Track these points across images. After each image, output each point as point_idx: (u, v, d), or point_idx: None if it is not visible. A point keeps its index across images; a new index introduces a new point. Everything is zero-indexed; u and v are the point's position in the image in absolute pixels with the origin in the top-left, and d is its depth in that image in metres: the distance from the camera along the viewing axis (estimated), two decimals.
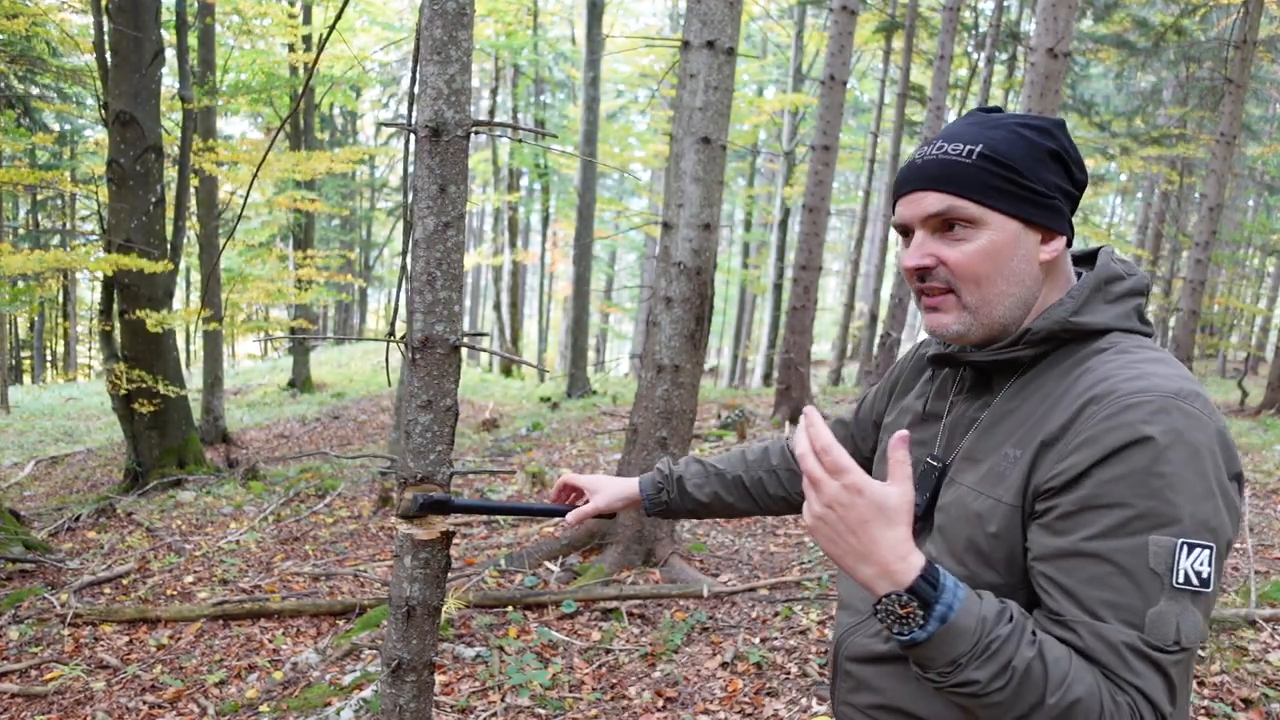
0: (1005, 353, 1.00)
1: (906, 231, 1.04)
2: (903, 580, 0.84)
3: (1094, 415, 0.87)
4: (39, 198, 22.13)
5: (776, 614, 3.92)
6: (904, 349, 14.08)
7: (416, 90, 1.83)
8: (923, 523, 1.06)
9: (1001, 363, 1.02)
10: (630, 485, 1.52)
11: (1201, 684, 3.09)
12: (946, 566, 0.99)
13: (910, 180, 1.02)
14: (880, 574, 0.86)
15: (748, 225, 24.56)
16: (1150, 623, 0.82)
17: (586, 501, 1.52)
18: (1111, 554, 0.83)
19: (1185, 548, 0.82)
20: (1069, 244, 1.03)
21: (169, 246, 7.53)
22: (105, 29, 7.04)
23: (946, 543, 1.00)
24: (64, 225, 24.07)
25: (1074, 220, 1.07)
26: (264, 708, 3.42)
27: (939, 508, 1.03)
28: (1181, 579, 0.82)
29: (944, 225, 0.99)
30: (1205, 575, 0.83)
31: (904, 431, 0.88)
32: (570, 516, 1.48)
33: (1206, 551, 0.83)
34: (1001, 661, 0.82)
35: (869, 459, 1.36)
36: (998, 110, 1.04)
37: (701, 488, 1.49)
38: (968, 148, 0.98)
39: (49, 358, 27.66)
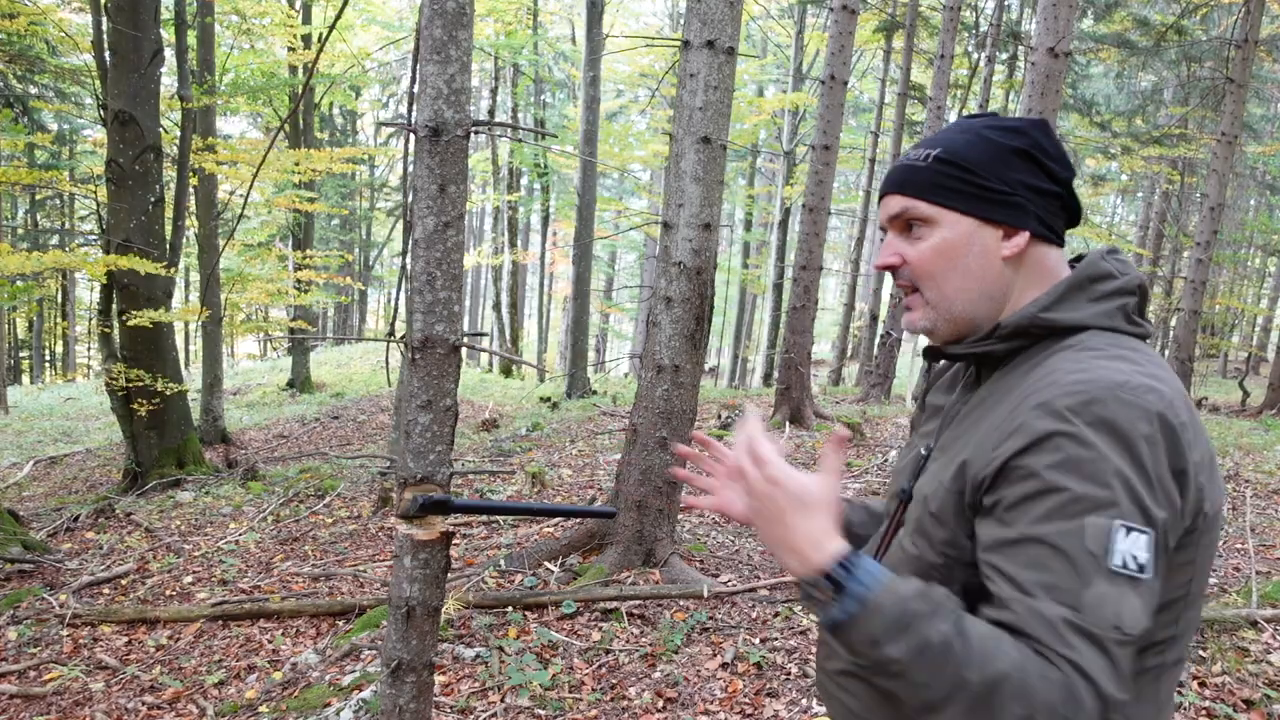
0: (978, 346, 1.03)
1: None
2: (818, 566, 0.89)
3: (1028, 404, 0.89)
4: (38, 197, 22.12)
5: (777, 614, 3.91)
6: (904, 349, 14.07)
7: (416, 90, 1.82)
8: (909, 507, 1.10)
9: (979, 356, 1.05)
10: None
11: (1203, 685, 3.08)
12: (904, 545, 1.03)
13: (883, 186, 1.09)
14: (800, 562, 0.90)
15: (748, 225, 24.56)
16: (1087, 603, 0.81)
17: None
18: (1048, 536, 0.83)
19: (1123, 529, 0.82)
20: (1059, 242, 1.05)
21: (168, 246, 7.52)
22: (104, 28, 7.03)
23: (909, 525, 1.04)
24: (63, 225, 24.07)
25: (1070, 215, 1.08)
26: (263, 708, 3.41)
27: (915, 493, 1.07)
28: (1118, 561, 0.82)
29: (906, 226, 1.06)
30: (1143, 561, 0.82)
31: (844, 431, 0.94)
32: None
33: (1144, 537, 0.82)
34: (918, 637, 0.83)
35: None
36: (986, 115, 1.07)
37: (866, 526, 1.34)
38: (926, 152, 1.04)
39: (48, 358, 27.65)
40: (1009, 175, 1.01)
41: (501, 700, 3.24)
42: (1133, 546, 0.82)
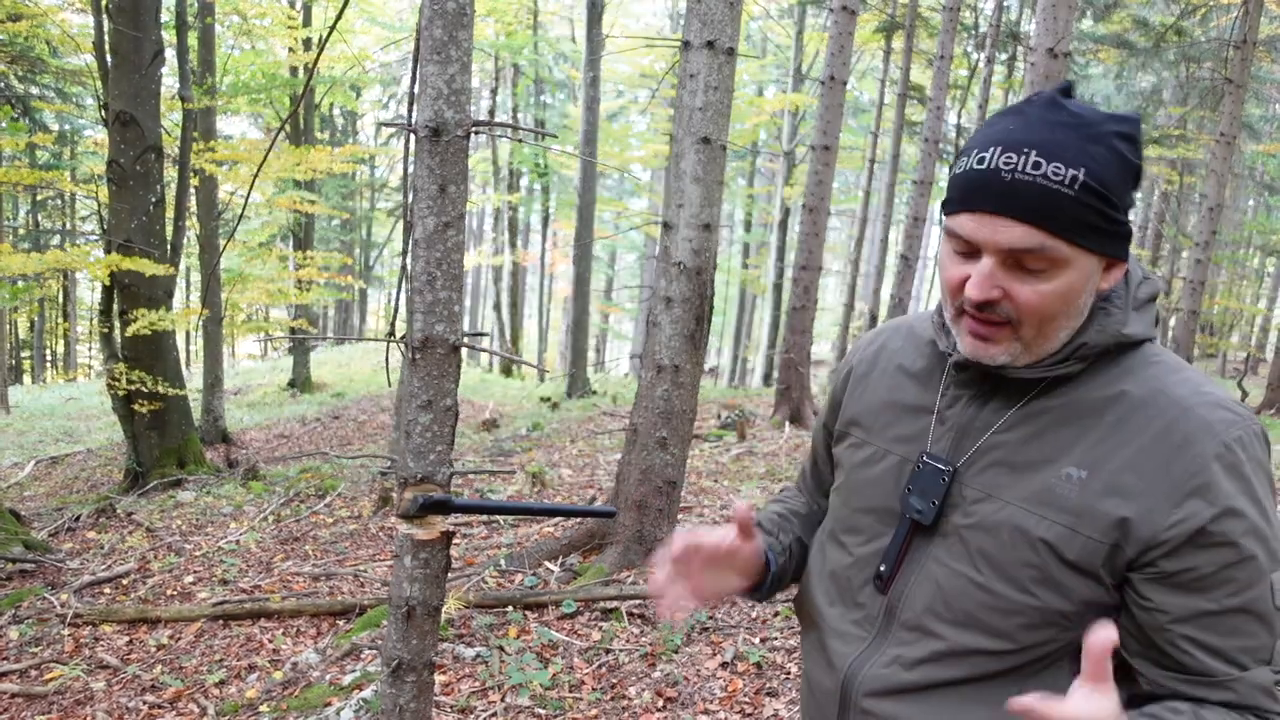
0: (1059, 369, 0.93)
1: (972, 251, 0.90)
2: None
3: (1201, 455, 0.86)
4: (39, 198, 22.12)
5: (776, 614, 3.92)
6: None
7: (416, 90, 1.83)
8: (922, 536, 0.99)
9: (1049, 378, 0.95)
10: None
11: None
12: (998, 591, 0.93)
13: (995, 199, 0.86)
14: None
15: (748, 225, 24.57)
16: (1278, 654, 0.87)
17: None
18: (1250, 605, 0.87)
19: None
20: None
21: (169, 247, 7.53)
22: (105, 29, 7.04)
23: (992, 566, 0.93)
24: (64, 225, 24.07)
25: None
26: (264, 708, 3.42)
27: (973, 523, 0.95)
28: None
29: (1019, 259, 0.87)
30: None
31: (1109, 633, 0.76)
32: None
33: None
34: None
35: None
36: (1090, 110, 0.89)
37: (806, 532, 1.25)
38: (1071, 173, 0.84)
39: (49, 358, 27.66)
40: (1129, 200, 0.89)
41: (501, 700, 3.25)
42: None
